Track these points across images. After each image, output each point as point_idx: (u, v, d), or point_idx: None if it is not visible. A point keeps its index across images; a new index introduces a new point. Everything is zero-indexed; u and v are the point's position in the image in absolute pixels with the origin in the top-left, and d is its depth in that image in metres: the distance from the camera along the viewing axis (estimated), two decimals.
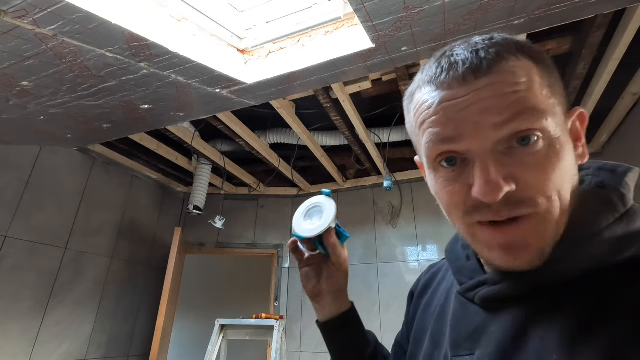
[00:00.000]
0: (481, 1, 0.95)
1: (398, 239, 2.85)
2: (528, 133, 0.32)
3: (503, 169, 0.32)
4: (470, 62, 0.34)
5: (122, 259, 2.67)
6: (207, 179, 2.76)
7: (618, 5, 1.03)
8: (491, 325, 0.37)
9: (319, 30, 1.17)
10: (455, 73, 0.34)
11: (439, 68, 0.36)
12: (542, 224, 0.33)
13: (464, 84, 0.34)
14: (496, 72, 0.33)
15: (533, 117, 0.32)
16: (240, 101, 1.50)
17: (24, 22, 0.91)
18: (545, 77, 0.35)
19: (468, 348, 0.38)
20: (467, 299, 0.41)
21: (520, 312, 0.35)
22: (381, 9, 0.95)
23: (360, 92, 2.04)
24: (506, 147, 0.33)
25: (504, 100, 0.32)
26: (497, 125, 0.32)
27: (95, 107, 1.45)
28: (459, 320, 0.41)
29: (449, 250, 0.50)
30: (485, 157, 0.33)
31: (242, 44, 1.27)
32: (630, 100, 1.94)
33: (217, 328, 2.68)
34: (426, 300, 0.53)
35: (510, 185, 0.32)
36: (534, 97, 0.32)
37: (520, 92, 0.32)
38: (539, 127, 0.32)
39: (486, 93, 0.33)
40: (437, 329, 0.46)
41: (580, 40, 1.59)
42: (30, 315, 2.04)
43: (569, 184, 0.33)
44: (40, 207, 2.13)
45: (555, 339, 0.31)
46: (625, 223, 0.33)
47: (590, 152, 1.59)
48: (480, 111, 0.33)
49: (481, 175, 0.32)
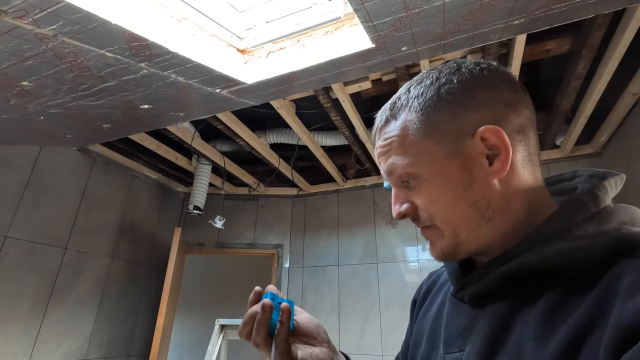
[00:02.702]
0: (481, 1, 0.95)
1: (398, 239, 2.85)
2: (402, 178, 0.44)
3: (402, 198, 0.45)
4: (376, 123, 0.49)
5: (122, 259, 2.67)
6: (207, 179, 2.76)
7: (618, 5, 1.03)
8: (479, 321, 0.41)
9: (319, 30, 1.17)
10: (374, 128, 0.49)
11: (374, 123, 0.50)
12: (437, 232, 0.44)
13: (376, 139, 0.48)
14: (379, 135, 0.47)
15: (401, 167, 0.43)
16: (240, 101, 1.50)
17: (24, 22, 0.91)
18: (425, 122, 0.43)
19: (459, 345, 0.42)
20: (458, 299, 0.45)
21: (503, 306, 0.39)
22: (381, 9, 0.95)
23: (360, 92, 2.03)
24: (402, 185, 0.45)
25: (384, 157, 0.45)
26: (387, 174, 0.45)
27: (95, 107, 1.45)
28: (451, 320, 0.45)
29: None
30: (393, 189, 0.46)
31: (242, 44, 1.27)
32: (630, 100, 1.94)
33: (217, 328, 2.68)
34: (426, 305, 0.56)
35: (406, 210, 0.44)
36: (401, 152, 0.43)
37: (390, 150, 0.44)
38: (406, 172, 0.43)
39: (379, 151, 0.46)
40: (434, 331, 0.49)
41: (580, 40, 1.59)
42: (31, 315, 2.04)
43: (457, 206, 0.41)
44: (40, 207, 2.14)
45: (531, 328, 0.35)
46: (597, 222, 0.36)
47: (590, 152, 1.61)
48: (381, 161, 0.46)
49: (393, 200, 0.46)
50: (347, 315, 2.76)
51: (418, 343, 0.52)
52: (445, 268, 0.52)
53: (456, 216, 0.42)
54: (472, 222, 0.41)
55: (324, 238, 3.09)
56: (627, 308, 0.29)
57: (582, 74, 1.70)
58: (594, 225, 0.36)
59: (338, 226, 3.08)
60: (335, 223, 3.09)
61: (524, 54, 1.60)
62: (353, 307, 2.76)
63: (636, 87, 1.83)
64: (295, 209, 3.31)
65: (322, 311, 2.84)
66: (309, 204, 3.26)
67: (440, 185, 0.42)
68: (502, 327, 0.38)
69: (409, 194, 0.44)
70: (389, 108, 0.47)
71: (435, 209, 0.43)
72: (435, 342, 0.48)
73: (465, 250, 0.43)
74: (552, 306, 0.35)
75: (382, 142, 0.46)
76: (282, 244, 3.18)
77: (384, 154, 0.45)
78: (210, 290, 4.40)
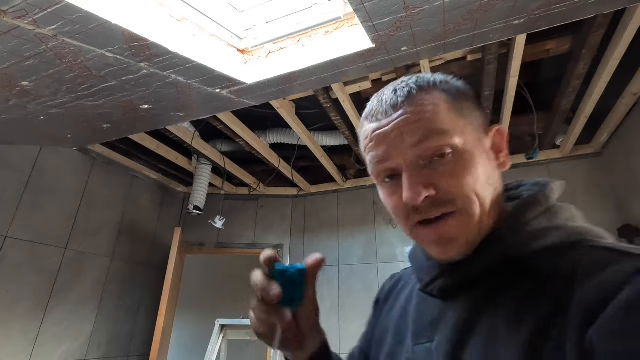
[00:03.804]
0: (481, 1, 0.95)
1: (398, 239, 2.85)
2: (439, 149, 0.41)
3: (422, 178, 0.40)
4: (390, 99, 0.44)
5: (122, 259, 2.67)
6: (207, 179, 2.76)
7: (618, 5, 1.03)
8: (448, 313, 0.43)
9: (319, 30, 1.17)
10: (381, 109, 0.44)
11: (372, 106, 0.47)
12: (464, 219, 0.40)
13: (386, 117, 0.43)
14: (408, 105, 0.43)
15: (439, 136, 0.41)
16: (240, 101, 1.50)
17: (24, 22, 0.91)
18: (454, 103, 0.43)
19: (428, 336, 0.44)
20: (427, 293, 0.47)
21: (471, 298, 0.41)
22: (381, 9, 0.95)
23: (360, 92, 2.03)
24: (427, 161, 0.41)
25: (414, 126, 0.41)
26: (412, 145, 0.41)
27: (95, 107, 1.45)
28: (420, 314, 0.48)
29: (412, 253, 0.55)
30: (408, 170, 0.41)
31: (242, 44, 1.27)
32: (630, 100, 1.93)
33: (217, 328, 2.68)
34: (389, 304, 0.58)
35: (429, 191, 0.40)
36: (440, 121, 0.41)
37: (426, 118, 0.41)
38: (446, 143, 0.41)
39: (402, 122, 0.42)
40: (400, 327, 0.51)
41: (580, 40, 1.59)
42: (31, 315, 2.04)
43: (485, 185, 0.41)
44: (40, 207, 2.13)
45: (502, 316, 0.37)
46: (548, 218, 0.41)
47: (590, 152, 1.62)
48: (398, 136, 0.42)
49: (405, 184, 0.41)
50: (347, 315, 2.75)
51: (382, 339, 0.53)
52: (412, 264, 0.53)
53: (489, 194, 0.42)
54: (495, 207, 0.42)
55: (324, 238, 3.09)
56: (587, 289, 0.32)
57: (582, 74, 1.70)
58: (546, 220, 0.41)
59: (338, 226, 3.07)
60: (335, 223, 3.09)
61: (524, 54, 1.60)
62: (353, 307, 2.76)
63: (636, 87, 1.83)
64: (295, 209, 3.31)
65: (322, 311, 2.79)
66: (309, 204, 3.26)
67: (479, 162, 0.42)
68: (472, 317, 0.40)
69: (434, 174, 0.41)
70: (413, 82, 0.45)
71: (473, 187, 0.40)
72: (402, 336, 0.49)
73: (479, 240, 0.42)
74: (521, 295, 0.37)
75: (415, 108, 0.42)
76: (282, 244, 3.18)
77: (415, 122, 0.41)
78: (210, 290, 4.39)
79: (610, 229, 2.27)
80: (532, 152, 2.32)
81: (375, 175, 0.46)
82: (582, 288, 0.32)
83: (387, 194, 0.45)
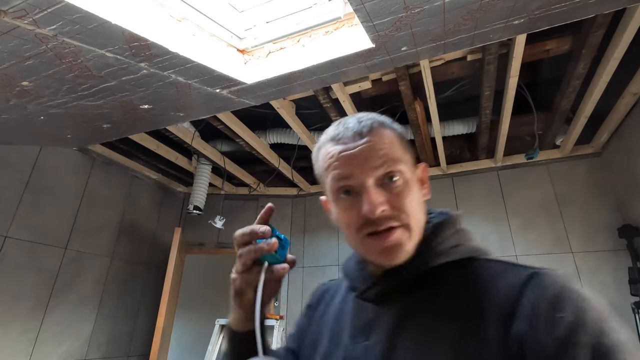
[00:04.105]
0: (481, 1, 0.95)
1: None
2: (392, 173, 0.50)
3: (380, 196, 0.49)
4: (357, 128, 0.52)
5: (122, 259, 2.67)
6: (207, 179, 2.76)
7: (618, 5, 1.03)
8: (383, 316, 0.51)
9: (319, 30, 1.17)
10: (347, 134, 0.52)
11: (337, 131, 0.54)
12: (406, 232, 0.49)
13: (353, 141, 0.51)
14: (371, 135, 0.51)
15: (394, 163, 0.50)
16: (240, 101, 1.50)
17: (24, 22, 0.91)
18: (401, 141, 0.54)
19: (365, 335, 0.51)
20: (363, 299, 0.54)
21: (403, 302, 0.50)
22: (381, 9, 0.95)
23: (360, 92, 2.03)
24: (382, 183, 0.50)
25: (377, 153, 0.50)
26: (375, 168, 0.49)
27: (95, 107, 1.45)
28: (357, 318, 0.55)
29: (346, 265, 0.63)
30: (370, 189, 0.49)
31: (242, 44, 1.27)
32: (630, 100, 1.93)
33: (217, 328, 2.68)
34: (321, 310, 0.64)
35: (384, 206, 0.48)
36: (394, 152, 0.51)
37: (386, 148, 0.51)
38: (398, 169, 0.50)
39: (367, 147, 0.50)
40: (336, 330, 0.57)
41: (580, 40, 1.59)
42: (31, 315, 2.04)
43: (419, 208, 0.52)
44: (40, 207, 2.13)
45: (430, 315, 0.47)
46: (456, 238, 0.53)
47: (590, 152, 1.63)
48: (364, 159, 0.50)
49: (367, 200, 0.48)
50: None
51: (317, 341, 0.59)
52: (346, 275, 0.62)
53: (421, 217, 0.52)
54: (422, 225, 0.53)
55: (324, 238, 3.09)
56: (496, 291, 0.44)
57: (582, 74, 1.70)
58: (455, 239, 0.52)
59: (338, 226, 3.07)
60: None
61: (524, 54, 1.60)
62: None
63: (636, 87, 1.83)
64: (295, 209, 3.31)
65: None
66: (309, 204, 3.26)
67: (415, 188, 0.52)
68: (403, 319, 0.49)
69: (386, 194, 0.49)
70: (372, 118, 0.54)
71: (413, 208, 0.50)
72: (337, 339, 0.55)
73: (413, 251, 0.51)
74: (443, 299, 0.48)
75: (377, 138, 0.51)
76: None
77: (378, 149, 0.51)
78: (210, 290, 4.39)
79: (610, 229, 2.28)
80: (532, 152, 2.32)
81: (335, 190, 0.52)
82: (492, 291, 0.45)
83: (343, 208, 0.52)
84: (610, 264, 2.25)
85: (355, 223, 0.50)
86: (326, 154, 0.54)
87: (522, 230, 2.54)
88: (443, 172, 2.85)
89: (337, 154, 0.52)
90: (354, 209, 0.50)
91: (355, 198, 0.50)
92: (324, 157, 0.54)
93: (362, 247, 0.52)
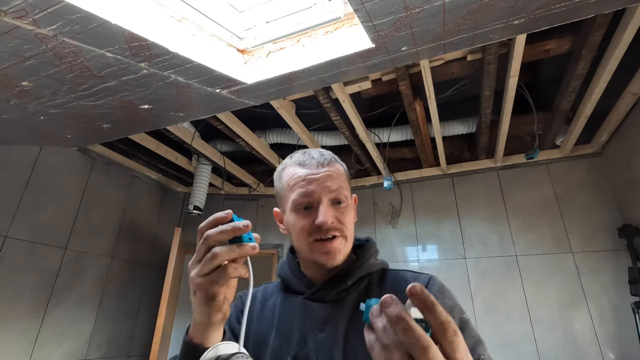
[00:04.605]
0: (481, 1, 0.95)
1: (398, 239, 2.85)
2: (340, 198, 0.69)
3: (332, 212, 0.67)
4: (320, 159, 0.71)
5: (122, 259, 2.67)
6: (207, 179, 2.76)
7: (618, 5, 1.03)
8: (335, 311, 0.66)
9: (319, 30, 1.17)
10: (313, 162, 0.70)
11: (304, 159, 0.71)
12: (343, 241, 0.68)
13: (317, 168, 0.69)
14: (330, 166, 0.70)
15: (342, 191, 0.69)
16: (240, 101, 1.50)
17: (24, 22, 0.91)
18: (346, 175, 0.75)
19: (319, 328, 0.65)
20: (311, 300, 0.69)
21: (350, 298, 0.68)
22: (381, 9, 0.95)
23: (360, 92, 2.03)
24: (332, 203, 0.68)
25: (334, 180, 0.69)
26: (331, 191, 0.68)
27: (95, 107, 1.45)
28: (308, 315, 0.67)
29: (282, 274, 0.78)
30: (324, 205, 0.67)
31: (242, 44, 1.27)
32: (630, 100, 1.94)
33: None
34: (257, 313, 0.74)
35: (333, 219, 0.66)
36: (344, 182, 0.71)
37: (339, 179, 0.70)
38: (344, 195, 0.70)
39: (326, 175, 0.69)
40: (284, 328, 0.68)
41: (580, 40, 1.59)
42: (31, 315, 2.04)
43: (352, 225, 0.71)
44: (40, 207, 2.14)
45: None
46: (375, 256, 0.76)
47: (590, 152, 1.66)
48: (323, 182, 0.68)
49: (322, 212, 0.66)
50: None
51: (263, 342, 0.68)
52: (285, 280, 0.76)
53: (353, 233, 0.72)
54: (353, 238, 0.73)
55: None
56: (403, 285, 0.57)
57: (582, 74, 1.70)
58: (374, 257, 0.76)
59: None
60: None
61: (524, 54, 1.60)
62: None
63: (636, 87, 1.83)
64: None
65: None
66: None
67: (351, 211, 0.72)
68: (351, 313, 0.65)
69: (334, 211, 0.67)
70: (330, 154, 0.74)
71: (349, 224, 0.69)
72: (288, 336, 0.66)
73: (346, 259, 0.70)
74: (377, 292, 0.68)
75: (334, 170, 0.70)
76: (282, 244, 3.18)
77: (334, 178, 0.69)
78: None
79: (610, 229, 2.28)
80: (532, 152, 2.32)
81: (297, 203, 0.68)
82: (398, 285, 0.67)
83: (301, 218, 0.68)
84: (610, 264, 2.25)
85: (308, 229, 0.66)
86: (293, 174, 0.70)
87: (522, 230, 2.54)
88: (443, 172, 2.85)
89: (305, 175, 0.68)
90: (309, 219, 0.66)
91: (311, 211, 0.67)
92: (289, 176, 0.71)
93: (309, 249, 0.67)
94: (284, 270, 0.78)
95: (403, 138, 2.46)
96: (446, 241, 2.73)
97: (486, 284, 2.51)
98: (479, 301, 2.47)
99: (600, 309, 2.21)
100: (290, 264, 0.77)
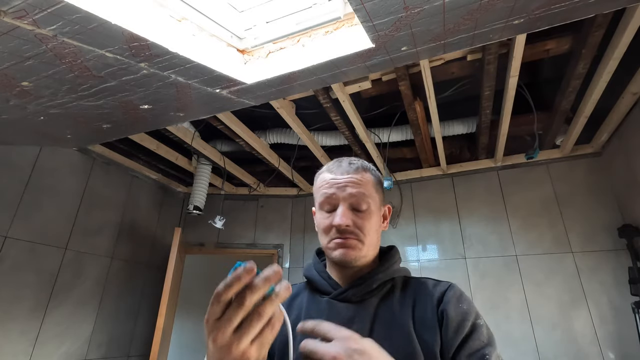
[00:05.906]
0: (481, 1, 0.95)
1: (398, 239, 2.85)
2: (361, 205, 0.73)
3: (347, 215, 0.72)
4: (347, 167, 0.77)
5: (122, 259, 2.67)
6: (207, 179, 2.76)
7: (618, 5, 1.03)
8: (360, 311, 0.70)
9: (319, 30, 1.17)
10: (339, 169, 0.77)
11: (334, 166, 0.79)
12: (358, 243, 0.72)
13: (341, 175, 0.76)
14: (355, 174, 0.76)
15: (364, 197, 0.74)
16: (240, 101, 1.50)
17: (24, 22, 0.91)
18: (376, 184, 0.78)
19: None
20: (337, 300, 0.73)
21: (374, 300, 0.71)
22: (381, 9, 0.95)
23: (360, 92, 2.03)
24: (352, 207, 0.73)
25: (354, 187, 0.74)
26: (350, 196, 0.73)
27: (95, 107, 1.45)
28: (334, 314, 0.70)
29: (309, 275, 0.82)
30: (343, 208, 0.72)
31: (242, 44, 1.26)
32: (630, 99, 1.94)
33: None
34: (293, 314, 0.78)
35: (348, 222, 0.71)
36: (367, 189, 0.75)
37: (362, 185, 0.75)
38: (365, 202, 0.74)
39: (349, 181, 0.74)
40: None
41: (580, 40, 1.59)
42: (31, 315, 2.04)
43: (373, 232, 0.75)
44: (40, 207, 2.14)
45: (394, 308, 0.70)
46: (399, 263, 0.80)
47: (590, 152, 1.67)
48: (344, 187, 0.74)
49: (340, 214, 0.71)
50: None
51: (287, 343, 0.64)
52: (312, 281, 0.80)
53: (374, 240, 0.76)
54: (374, 247, 0.77)
55: None
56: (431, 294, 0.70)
57: (582, 73, 1.70)
58: (398, 264, 0.79)
59: None
60: None
61: (524, 53, 1.60)
62: None
63: (636, 87, 1.83)
64: (295, 209, 3.31)
65: None
66: (309, 204, 3.26)
67: (374, 219, 0.75)
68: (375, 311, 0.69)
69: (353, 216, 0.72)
70: (361, 163, 0.79)
71: (368, 231, 0.73)
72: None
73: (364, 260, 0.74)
74: (398, 299, 0.71)
75: (358, 177, 0.75)
76: (282, 244, 3.18)
77: (357, 185, 0.74)
78: (210, 290, 4.35)
79: (610, 228, 2.28)
80: (532, 152, 2.32)
81: (321, 204, 0.76)
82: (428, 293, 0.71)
83: (324, 218, 0.75)
84: (610, 264, 2.25)
85: (328, 229, 0.73)
86: (323, 178, 0.78)
87: (522, 230, 2.54)
88: (443, 172, 2.85)
89: (329, 179, 0.76)
90: (329, 220, 0.73)
91: (332, 213, 0.74)
92: (319, 180, 0.79)
93: (327, 247, 0.74)
94: (310, 271, 0.82)
95: (403, 138, 2.46)
96: (446, 241, 2.73)
97: (486, 284, 2.51)
98: (479, 301, 2.47)
99: (600, 309, 2.21)
100: (317, 266, 0.81)
